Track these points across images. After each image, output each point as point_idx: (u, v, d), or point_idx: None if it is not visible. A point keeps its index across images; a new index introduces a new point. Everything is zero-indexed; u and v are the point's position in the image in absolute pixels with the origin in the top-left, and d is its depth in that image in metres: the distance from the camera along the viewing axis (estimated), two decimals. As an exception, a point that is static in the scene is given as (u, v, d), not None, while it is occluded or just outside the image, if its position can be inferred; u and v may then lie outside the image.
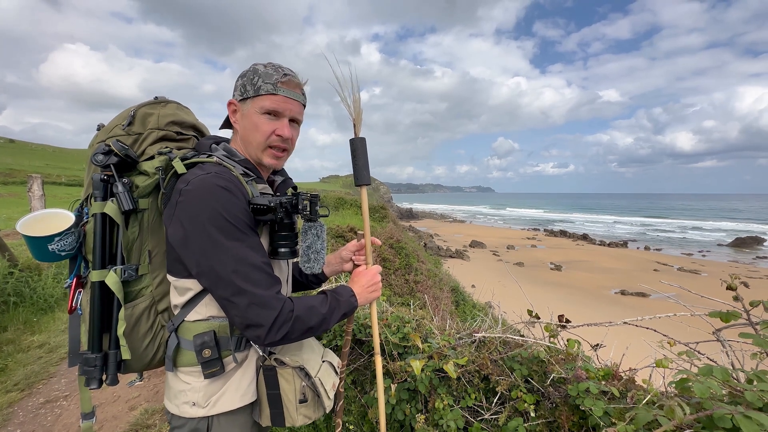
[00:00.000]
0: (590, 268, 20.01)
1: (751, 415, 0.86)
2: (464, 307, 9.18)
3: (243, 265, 0.87)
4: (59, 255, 0.97)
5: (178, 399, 1.00)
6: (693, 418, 0.93)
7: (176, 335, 1.00)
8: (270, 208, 0.93)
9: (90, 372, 0.97)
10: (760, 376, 1.02)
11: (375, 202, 24.60)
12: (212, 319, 0.99)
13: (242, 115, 1.03)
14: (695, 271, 19.46)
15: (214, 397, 0.99)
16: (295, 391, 1.04)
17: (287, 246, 1.02)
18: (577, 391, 1.30)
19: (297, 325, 0.91)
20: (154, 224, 0.99)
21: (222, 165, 0.96)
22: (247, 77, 1.00)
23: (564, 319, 1.68)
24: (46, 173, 26.41)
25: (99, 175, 0.95)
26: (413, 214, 61.71)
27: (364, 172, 1.16)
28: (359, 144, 1.16)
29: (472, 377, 1.61)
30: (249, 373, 1.05)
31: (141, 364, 1.01)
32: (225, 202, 0.88)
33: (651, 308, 12.92)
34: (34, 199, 5.44)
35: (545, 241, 32.39)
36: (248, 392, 1.04)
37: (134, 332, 0.98)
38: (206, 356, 0.96)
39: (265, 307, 0.87)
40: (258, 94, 0.99)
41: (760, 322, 1.17)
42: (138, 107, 1.04)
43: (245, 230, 0.91)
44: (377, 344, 1.32)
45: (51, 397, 3.08)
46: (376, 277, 1.20)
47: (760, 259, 24.51)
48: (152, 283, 1.01)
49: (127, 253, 0.98)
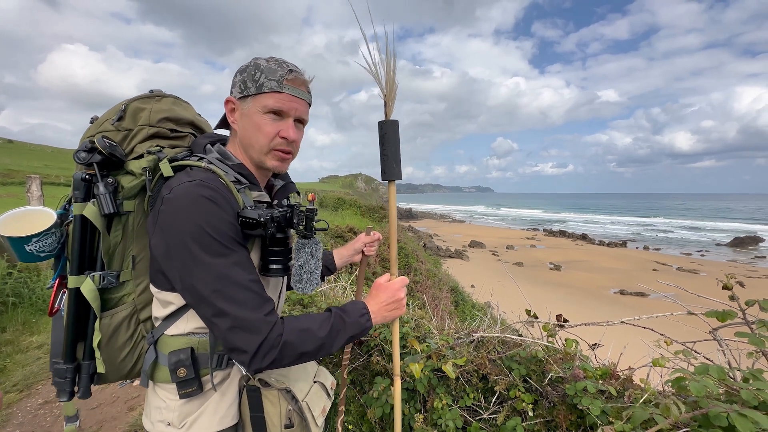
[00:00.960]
0: (589, 268, 20.04)
1: (746, 414, 0.86)
2: (463, 307, 9.18)
3: (226, 284, 0.79)
4: (38, 256, 0.92)
5: (154, 416, 0.94)
6: (689, 416, 0.94)
7: (155, 349, 0.93)
8: (259, 222, 0.83)
9: (60, 384, 0.91)
10: (756, 375, 1.03)
11: (374, 202, 24.60)
12: (192, 335, 0.92)
13: (242, 115, 0.93)
14: (694, 270, 19.50)
15: (189, 419, 0.92)
16: (281, 415, 0.96)
17: (280, 263, 0.93)
18: (575, 390, 1.30)
19: (287, 351, 0.81)
20: (139, 228, 0.92)
21: (211, 171, 0.88)
22: (247, 72, 0.90)
23: (562, 319, 1.69)
24: (44, 174, 26.37)
25: (80, 174, 0.87)
26: (412, 214, 61.76)
27: (393, 165, 0.98)
28: (390, 128, 0.97)
29: (470, 377, 1.62)
30: (230, 395, 0.98)
31: (117, 376, 0.95)
32: (208, 214, 0.80)
33: (650, 308, 12.94)
34: (32, 200, 5.44)
35: (544, 241, 32.42)
36: (228, 415, 0.96)
37: (111, 343, 0.91)
38: (181, 376, 0.89)
39: (249, 331, 0.79)
40: (260, 91, 0.89)
41: (755, 321, 1.18)
42: (130, 101, 0.96)
43: (230, 245, 0.83)
44: (397, 366, 1.17)
45: (50, 397, 3.08)
46: (400, 292, 1.02)
47: (758, 259, 24.58)
48: (135, 291, 0.94)
49: (108, 259, 0.90)
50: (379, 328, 1.94)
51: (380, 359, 1.81)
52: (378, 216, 17.15)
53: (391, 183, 1.02)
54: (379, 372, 1.81)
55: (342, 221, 11.38)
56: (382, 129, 0.97)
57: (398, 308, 1.03)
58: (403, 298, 1.03)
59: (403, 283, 1.04)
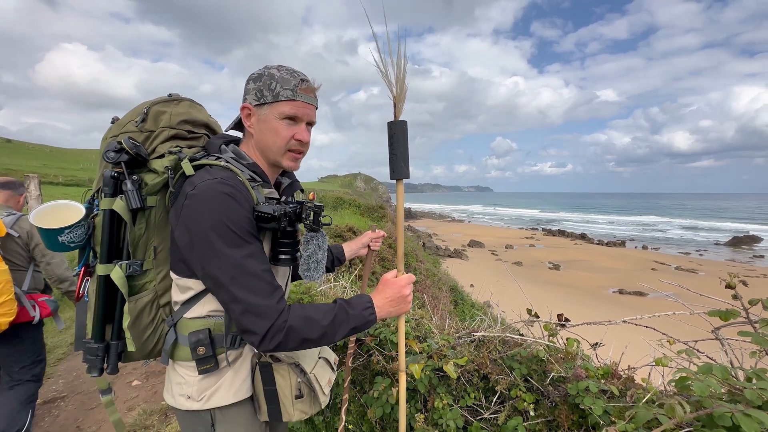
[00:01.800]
0: (589, 268, 20.07)
1: (750, 413, 0.86)
2: (463, 307, 9.18)
3: (241, 273, 0.88)
4: (69, 246, 1.01)
5: (175, 390, 1.04)
6: (693, 416, 0.93)
7: (174, 330, 1.02)
8: (274, 217, 0.93)
9: (92, 361, 1.01)
10: (760, 374, 1.03)
11: (373, 201, 24.60)
12: (209, 318, 1.02)
13: (259, 120, 1.02)
14: (693, 270, 19.55)
15: (207, 392, 1.02)
16: (291, 386, 1.07)
17: (288, 253, 1.02)
18: (577, 389, 1.30)
19: (291, 335, 0.89)
20: (160, 221, 1.01)
21: (229, 169, 0.96)
22: (263, 82, 0.99)
23: (563, 318, 1.68)
24: (43, 173, 26.30)
25: (110, 171, 0.96)
26: (412, 213, 61.77)
27: (401, 164, 1.02)
28: (399, 128, 1.01)
29: (471, 376, 1.61)
30: (243, 371, 1.07)
31: (141, 354, 1.05)
32: (228, 210, 0.89)
33: (649, 307, 12.95)
34: (31, 199, 5.42)
35: (543, 241, 32.45)
36: (242, 389, 1.06)
37: (136, 324, 1.00)
38: (200, 353, 0.98)
39: (260, 316, 0.87)
40: (277, 99, 0.99)
41: (759, 320, 1.17)
42: (151, 104, 1.05)
43: (247, 238, 0.91)
44: (402, 362, 1.20)
45: (48, 398, 3.07)
46: (405, 289, 1.07)
47: (757, 258, 24.64)
48: (156, 278, 1.03)
49: (133, 249, 1.00)
50: (378, 328, 1.93)
51: (380, 359, 1.81)
52: (377, 215, 17.13)
53: (399, 181, 1.06)
54: (379, 372, 1.81)
55: (341, 221, 11.37)
56: (391, 129, 1.01)
57: (403, 305, 1.07)
58: (408, 294, 1.07)
59: (409, 280, 1.09)
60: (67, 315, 4.75)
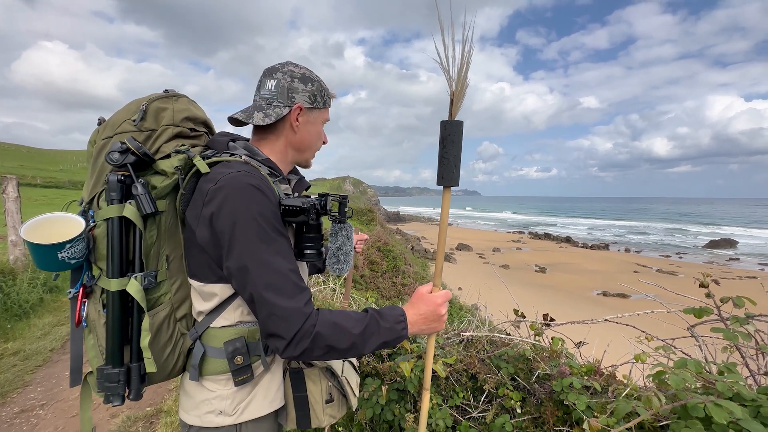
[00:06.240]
0: (573, 270, 20.46)
1: (721, 404, 0.91)
2: (451, 309, 9.24)
3: (268, 272, 0.82)
4: (69, 263, 0.88)
5: (200, 409, 0.95)
6: (669, 407, 0.98)
7: (201, 343, 0.94)
8: (303, 209, 0.88)
9: (113, 388, 0.89)
10: (730, 368, 1.09)
11: (362, 204, 24.56)
12: (241, 325, 0.95)
13: (308, 121, 1.03)
14: (672, 272, 20.12)
15: (242, 404, 0.95)
16: (322, 392, 1.04)
17: (314, 248, 0.98)
18: (561, 386, 1.34)
19: (318, 342, 0.82)
20: (171, 227, 0.93)
21: (250, 164, 0.91)
22: (315, 87, 1.02)
23: (548, 318, 1.73)
24: (20, 174, 25.38)
25: (116, 175, 0.87)
26: (400, 217, 61.89)
27: (453, 170, 0.89)
28: (455, 129, 0.88)
29: (460, 376, 1.64)
30: (277, 378, 1.02)
31: (162, 375, 0.96)
32: (257, 202, 0.83)
33: (631, 308, 13.13)
34: (8, 201, 5.24)
35: (530, 244, 32.94)
36: (276, 397, 1.01)
37: (156, 342, 0.91)
38: (238, 363, 0.92)
39: (286, 320, 0.80)
40: (325, 106, 1.06)
41: (729, 317, 1.24)
42: (149, 101, 0.96)
43: (275, 233, 0.85)
44: (428, 380, 1.14)
45: (26, 406, 2.97)
46: (442, 308, 0.97)
47: (733, 261, 25.54)
48: (170, 290, 0.94)
49: (145, 259, 0.91)
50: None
51: (371, 360, 1.82)
52: (366, 219, 17.12)
53: (447, 189, 0.93)
54: (369, 373, 1.82)
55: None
56: (446, 129, 0.88)
57: (437, 324, 0.97)
58: (444, 314, 0.98)
59: (446, 298, 0.99)
60: (45, 321, 4.60)
